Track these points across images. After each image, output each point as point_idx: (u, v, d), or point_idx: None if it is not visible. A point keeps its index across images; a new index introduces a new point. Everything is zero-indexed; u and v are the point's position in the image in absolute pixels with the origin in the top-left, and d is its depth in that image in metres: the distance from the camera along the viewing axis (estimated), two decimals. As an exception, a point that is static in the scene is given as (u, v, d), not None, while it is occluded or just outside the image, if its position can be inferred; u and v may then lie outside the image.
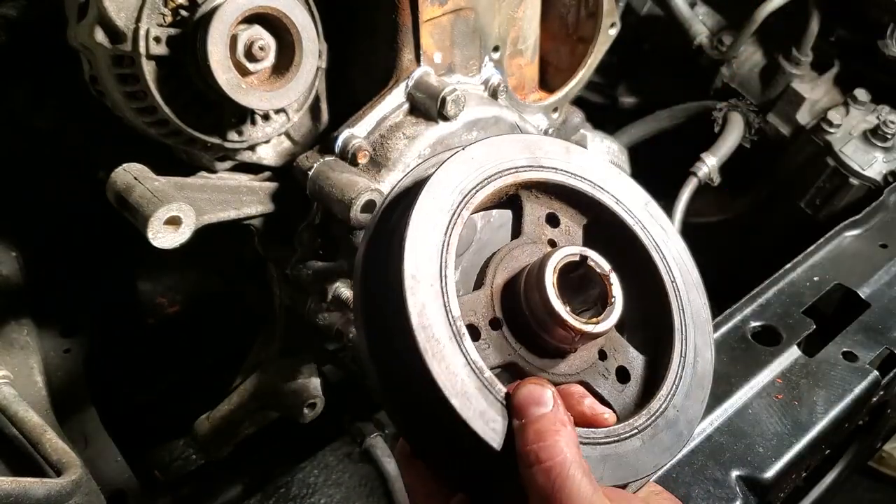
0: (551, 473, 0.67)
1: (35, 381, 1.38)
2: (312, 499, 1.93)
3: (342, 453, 2.01)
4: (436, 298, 0.71)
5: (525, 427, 0.70)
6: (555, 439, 0.69)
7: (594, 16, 1.53)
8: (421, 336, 0.68)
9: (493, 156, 0.83)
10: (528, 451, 0.68)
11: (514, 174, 0.84)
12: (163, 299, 1.97)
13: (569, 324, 0.75)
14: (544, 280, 0.76)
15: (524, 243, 0.85)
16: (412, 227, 0.73)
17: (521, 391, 0.72)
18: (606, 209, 0.90)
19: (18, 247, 1.53)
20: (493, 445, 0.69)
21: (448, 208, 0.77)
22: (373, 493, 1.94)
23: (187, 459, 2.01)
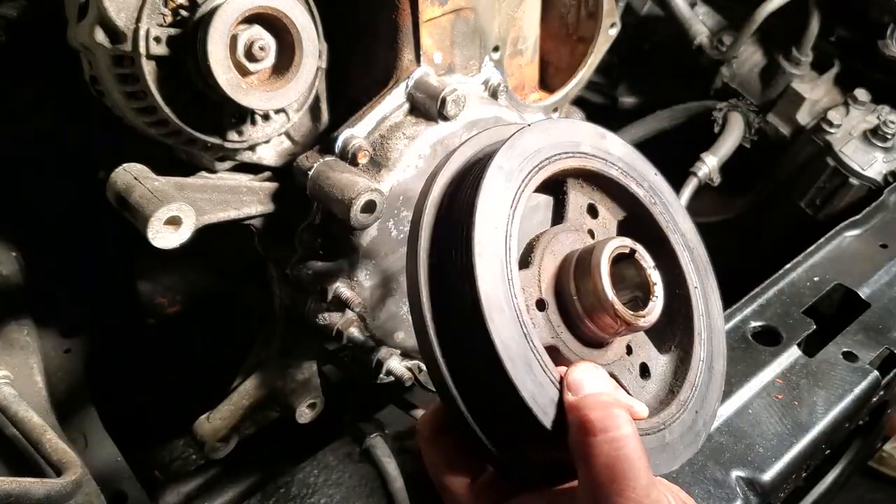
0: (615, 443, 0.66)
1: (35, 381, 1.38)
2: (312, 499, 1.93)
3: (342, 453, 2.01)
4: (501, 270, 0.72)
5: (585, 400, 0.70)
6: (616, 412, 0.68)
7: (594, 16, 1.53)
8: (485, 302, 0.69)
9: (549, 139, 0.84)
10: (590, 419, 0.67)
11: (565, 160, 0.85)
12: (163, 299, 1.97)
13: (619, 313, 0.76)
14: (599, 268, 0.76)
15: (568, 230, 0.85)
16: (482, 197, 0.74)
17: (578, 368, 0.73)
18: (644, 209, 0.92)
19: (18, 247, 1.53)
20: (542, 418, 0.70)
21: (514, 186, 0.78)
22: (373, 493, 1.94)
23: (187, 459, 2.01)
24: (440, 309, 0.73)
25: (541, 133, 0.83)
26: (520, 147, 0.80)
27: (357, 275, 1.25)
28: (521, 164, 0.79)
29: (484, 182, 0.74)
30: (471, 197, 0.74)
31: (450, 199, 0.79)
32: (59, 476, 1.10)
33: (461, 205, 0.75)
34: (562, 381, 0.72)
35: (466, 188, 0.77)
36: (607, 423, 0.67)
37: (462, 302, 0.70)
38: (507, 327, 0.69)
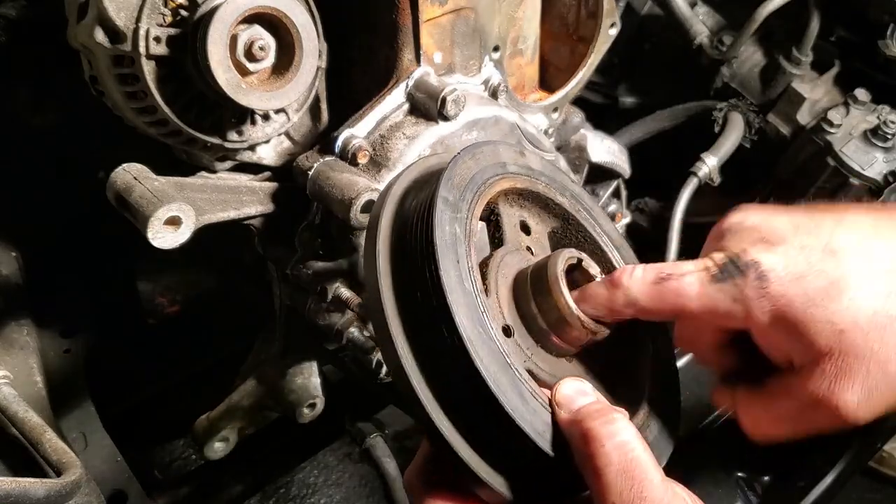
0: (624, 448, 0.66)
1: (35, 381, 1.38)
2: (312, 499, 1.93)
3: (342, 453, 2.01)
4: (473, 306, 0.71)
5: (580, 413, 0.69)
6: (615, 416, 0.69)
7: (594, 16, 1.53)
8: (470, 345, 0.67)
9: (479, 164, 0.84)
10: (591, 429, 0.67)
11: (498, 182, 0.86)
12: (163, 299, 1.97)
13: (586, 324, 0.78)
14: (558, 282, 0.78)
15: (510, 251, 0.86)
16: (438, 235, 0.72)
17: (563, 385, 0.73)
18: (572, 216, 0.94)
19: (18, 247, 1.53)
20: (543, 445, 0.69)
21: (462, 216, 0.77)
22: (373, 493, 1.94)
23: (187, 459, 2.01)
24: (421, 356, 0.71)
25: (471, 160, 0.83)
26: (457, 177, 0.80)
27: (357, 274, 1.25)
28: (462, 193, 0.79)
29: (435, 218, 0.73)
30: (427, 235, 0.72)
31: (399, 235, 0.76)
32: (58, 476, 1.10)
33: (419, 244, 0.73)
34: (551, 403, 0.72)
35: (417, 224, 0.75)
36: (610, 428, 0.67)
37: (444, 347, 0.68)
38: (493, 363, 0.69)
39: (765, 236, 0.79)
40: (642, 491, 0.64)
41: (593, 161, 1.71)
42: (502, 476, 0.71)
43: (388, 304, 0.71)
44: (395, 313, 0.71)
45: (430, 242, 0.71)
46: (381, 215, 0.78)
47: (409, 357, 0.69)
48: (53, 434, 1.17)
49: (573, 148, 1.69)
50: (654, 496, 0.64)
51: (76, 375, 1.49)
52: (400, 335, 0.70)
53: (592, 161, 1.71)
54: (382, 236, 0.76)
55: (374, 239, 0.76)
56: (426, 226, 0.73)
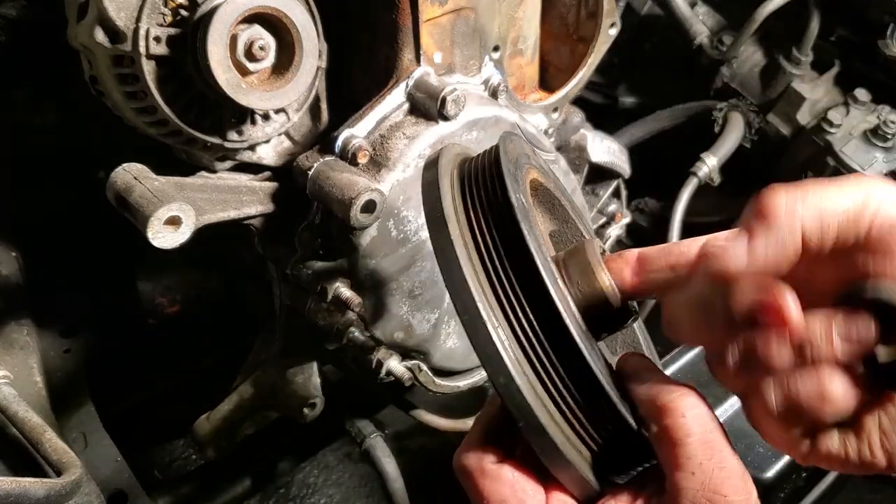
0: (701, 419, 0.65)
1: (35, 381, 1.38)
2: (312, 499, 1.93)
3: (342, 453, 2.01)
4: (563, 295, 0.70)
5: (653, 388, 0.69)
6: (687, 391, 0.68)
7: (594, 16, 1.53)
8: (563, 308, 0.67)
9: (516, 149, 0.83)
10: (670, 403, 0.66)
11: (528, 169, 0.85)
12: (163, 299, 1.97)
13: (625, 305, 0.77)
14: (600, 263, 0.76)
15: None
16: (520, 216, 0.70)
17: (631, 359, 0.73)
18: (571, 218, 0.94)
19: (18, 247, 1.53)
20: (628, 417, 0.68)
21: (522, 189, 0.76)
22: (373, 493, 1.94)
23: (187, 459, 2.01)
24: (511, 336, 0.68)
25: (510, 143, 0.83)
26: (509, 153, 0.79)
27: (357, 275, 1.25)
28: (515, 168, 0.78)
29: (508, 185, 0.71)
30: (505, 200, 0.70)
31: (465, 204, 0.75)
32: (59, 476, 1.10)
33: (494, 212, 0.71)
34: (620, 373, 0.72)
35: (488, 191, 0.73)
36: (689, 400, 0.67)
37: (534, 321, 0.67)
38: (584, 338, 0.68)
39: None
40: (722, 461, 0.64)
41: (593, 161, 1.71)
42: (577, 450, 0.69)
43: (470, 279, 0.69)
44: (477, 286, 0.69)
45: (508, 206, 0.70)
46: (440, 179, 0.76)
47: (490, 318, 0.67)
48: (53, 434, 1.17)
49: (573, 148, 1.69)
50: (732, 466, 0.65)
51: (76, 375, 1.49)
52: (483, 303, 0.68)
53: (592, 161, 1.71)
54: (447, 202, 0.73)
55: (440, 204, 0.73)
56: (501, 192, 0.71)
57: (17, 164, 1.45)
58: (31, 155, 1.45)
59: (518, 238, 0.68)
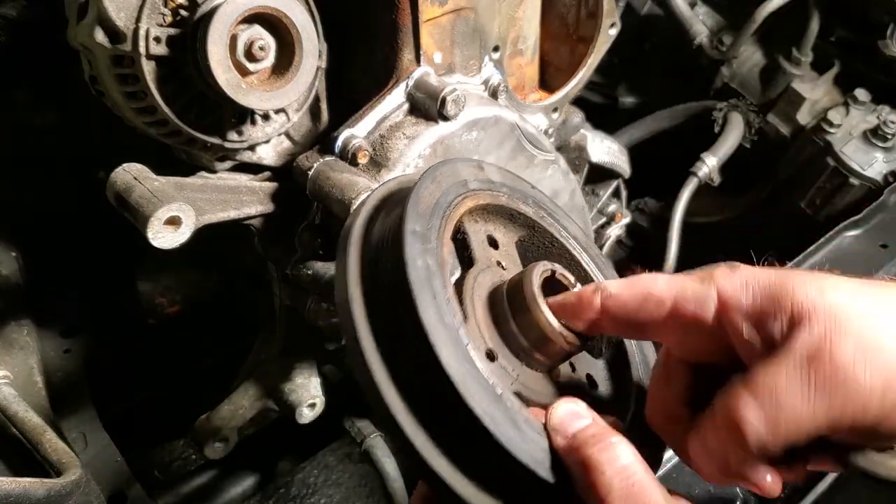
0: (624, 473, 0.65)
1: (35, 382, 1.38)
2: (312, 499, 1.93)
3: (342, 453, 2.01)
4: (456, 341, 0.69)
5: (576, 440, 0.68)
6: (613, 440, 0.67)
7: (594, 16, 1.53)
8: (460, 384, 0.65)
9: (440, 187, 0.82)
10: (590, 457, 0.66)
11: (462, 202, 0.84)
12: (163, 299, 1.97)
13: (569, 339, 0.76)
14: (535, 300, 0.76)
15: (482, 270, 0.84)
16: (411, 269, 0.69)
17: (556, 409, 0.71)
18: (537, 224, 0.93)
19: (18, 247, 1.53)
20: (543, 473, 0.68)
21: (432, 247, 0.74)
22: (373, 494, 1.94)
23: (187, 459, 2.01)
24: (409, 399, 0.68)
25: (432, 184, 0.81)
26: (422, 204, 0.77)
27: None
28: (430, 220, 0.76)
29: (407, 255, 0.70)
30: (400, 274, 0.69)
31: (372, 271, 0.74)
32: (59, 476, 1.10)
33: (393, 285, 0.70)
34: (546, 429, 0.71)
35: (388, 262, 0.72)
36: (608, 454, 0.66)
37: (432, 388, 0.66)
38: (484, 398, 0.66)
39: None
40: None
41: (593, 161, 1.71)
42: None
43: (369, 350, 0.69)
44: (377, 358, 0.68)
45: (405, 282, 0.68)
46: (347, 253, 0.75)
47: (396, 402, 0.67)
48: (53, 434, 1.17)
49: (573, 148, 1.69)
50: None
51: (76, 375, 1.49)
52: (385, 380, 0.68)
53: (592, 161, 1.71)
54: (352, 278, 0.73)
55: (345, 280, 0.73)
56: (398, 265, 0.70)
57: (17, 164, 1.45)
58: (31, 155, 1.45)
59: (416, 322, 0.67)
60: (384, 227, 0.77)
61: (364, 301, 0.71)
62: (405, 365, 0.68)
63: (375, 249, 0.75)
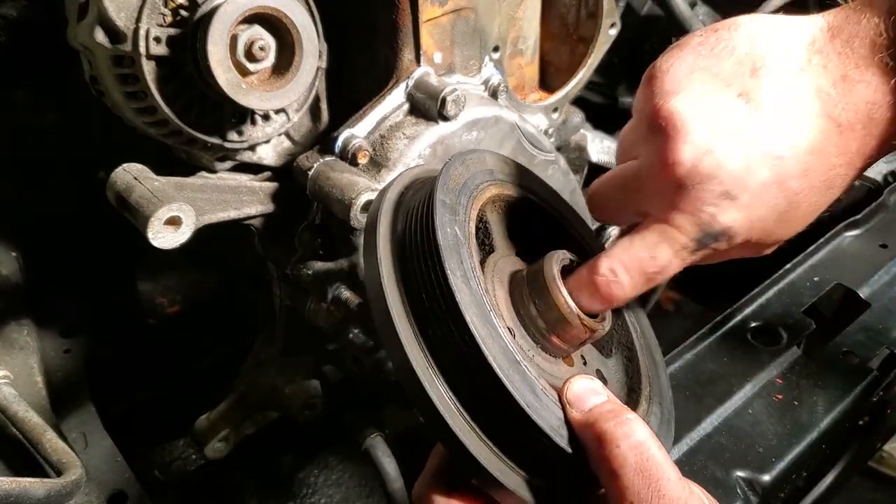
0: (640, 448, 0.66)
1: (35, 381, 1.38)
2: (312, 499, 1.93)
3: (342, 453, 2.01)
4: (483, 310, 0.71)
5: (593, 414, 0.69)
6: (629, 417, 0.68)
7: (594, 16, 1.53)
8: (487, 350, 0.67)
9: (468, 171, 0.85)
10: (606, 431, 0.67)
11: (488, 188, 0.87)
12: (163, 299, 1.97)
13: (586, 322, 0.78)
14: (556, 282, 0.78)
15: (502, 256, 0.86)
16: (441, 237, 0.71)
17: (574, 384, 0.73)
18: (556, 221, 0.95)
19: (18, 247, 1.53)
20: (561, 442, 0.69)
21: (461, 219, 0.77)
22: (373, 493, 1.94)
23: (187, 459, 2.01)
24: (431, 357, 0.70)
25: (461, 166, 0.84)
26: (452, 181, 0.80)
27: (357, 274, 1.25)
28: (458, 197, 0.79)
29: (437, 220, 0.72)
30: (430, 236, 0.72)
31: (400, 239, 0.76)
32: (59, 476, 1.10)
33: (422, 247, 0.72)
34: (562, 401, 0.72)
35: (418, 226, 0.74)
36: (625, 429, 0.67)
37: (455, 346, 0.68)
38: (505, 360, 0.68)
39: (727, 189, 0.77)
40: (660, 489, 0.64)
41: (593, 161, 1.71)
42: (518, 476, 0.70)
43: (394, 307, 0.70)
44: (402, 316, 0.70)
45: (433, 244, 0.71)
46: (378, 219, 0.78)
47: (419, 358, 0.69)
48: (53, 434, 1.17)
49: (573, 148, 1.69)
50: (672, 494, 0.65)
51: (76, 375, 1.49)
52: (409, 337, 0.69)
53: (592, 161, 1.71)
54: (382, 240, 0.76)
55: (374, 244, 0.75)
56: (428, 228, 0.72)
57: (18, 163, 1.45)
58: (31, 155, 1.45)
59: (444, 282, 0.69)
60: (413, 200, 0.80)
61: (392, 267, 0.73)
62: (429, 322, 0.70)
63: (404, 220, 0.77)
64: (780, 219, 0.82)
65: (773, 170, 0.80)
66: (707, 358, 1.32)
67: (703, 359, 1.32)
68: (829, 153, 0.82)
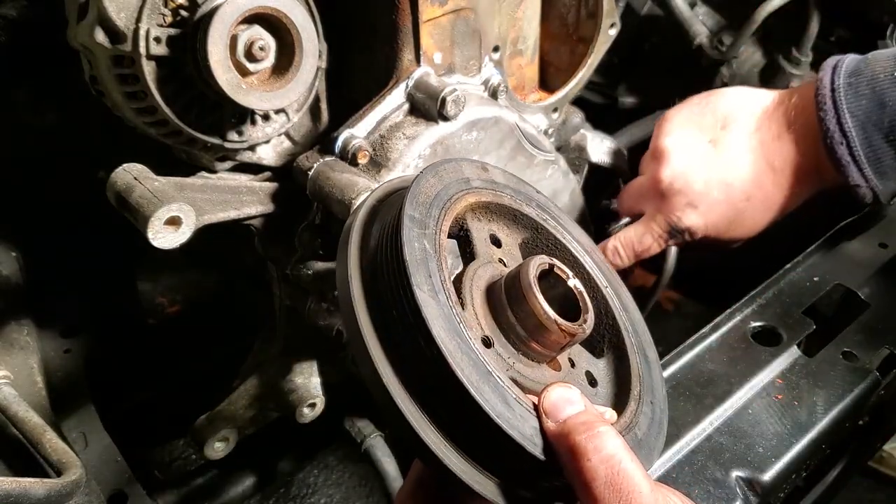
0: (610, 461, 0.66)
1: (35, 382, 1.38)
2: (312, 499, 1.93)
3: (342, 453, 2.01)
4: (450, 321, 0.71)
5: (567, 425, 0.70)
6: (601, 429, 0.69)
7: (594, 16, 1.53)
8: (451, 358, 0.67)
9: (442, 181, 0.85)
10: (578, 443, 0.67)
11: (463, 197, 0.87)
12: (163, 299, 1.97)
13: (564, 327, 0.77)
14: (532, 288, 0.77)
15: (482, 264, 0.86)
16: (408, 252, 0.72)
17: (549, 392, 0.73)
18: (541, 226, 0.95)
19: (18, 247, 1.53)
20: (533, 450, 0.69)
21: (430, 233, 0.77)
22: (373, 493, 1.94)
23: (187, 459, 2.01)
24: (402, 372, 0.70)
25: (433, 178, 0.84)
26: (422, 195, 0.80)
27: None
28: (428, 210, 0.80)
29: (403, 236, 0.73)
30: (396, 252, 0.72)
31: (370, 256, 0.77)
32: (59, 476, 1.10)
33: (390, 263, 0.73)
34: (538, 411, 0.72)
35: (386, 243, 0.75)
36: (596, 442, 0.67)
37: (423, 360, 0.68)
38: (474, 372, 0.68)
39: (691, 201, 1.42)
40: (631, 502, 0.65)
41: (593, 161, 1.71)
42: (495, 485, 0.71)
43: (364, 323, 0.71)
44: (371, 332, 0.71)
45: (400, 260, 0.71)
46: (350, 235, 0.78)
47: (389, 374, 0.69)
48: (54, 434, 1.17)
49: (573, 148, 1.69)
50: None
51: (76, 375, 1.49)
52: (379, 353, 0.70)
53: (592, 161, 1.71)
54: (352, 257, 0.76)
55: (346, 260, 0.76)
56: (396, 243, 0.73)
57: (18, 163, 1.45)
58: (31, 155, 1.45)
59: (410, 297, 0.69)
60: (384, 217, 0.80)
61: (362, 283, 0.74)
62: (399, 338, 0.70)
63: (376, 238, 0.78)
64: (730, 226, 1.43)
65: (723, 192, 1.39)
66: (707, 358, 1.32)
67: (703, 359, 1.32)
68: (765, 186, 1.37)
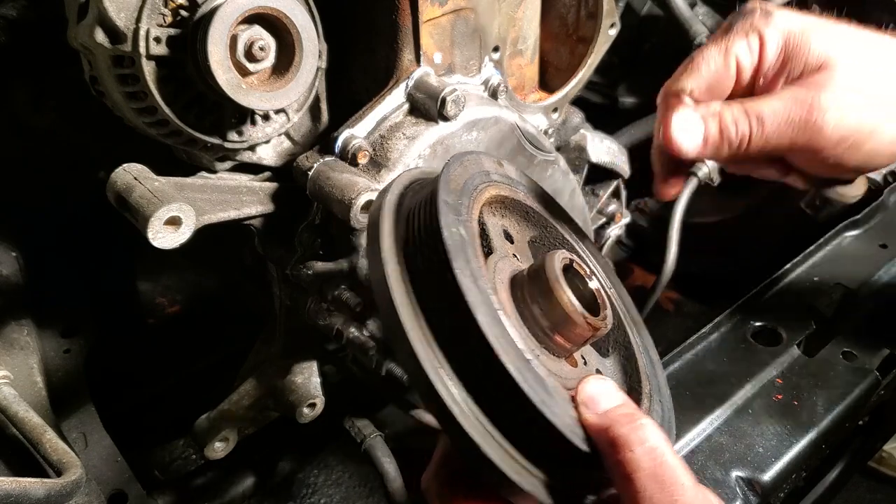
0: (654, 453, 0.66)
1: (35, 382, 1.38)
2: (312, 499, 1.93)
3: (342, 453, 2.01)
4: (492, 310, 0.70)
5: (608, 417, 0.69)
6: (643, 422, 0.68)
7: (594, 16, 1.53)
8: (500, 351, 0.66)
9: (467, 172, 0.85)
10: (621, 435, 0.67)
11: (486, 189, 0.87)
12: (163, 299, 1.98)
13: (590, 320, 0.77)
14: (559, 280, 0.77)
15: (501, 258, 0.86)
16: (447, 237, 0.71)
17: (588, 384, 0.73)
18: (551, 224, 0.96)
19: (18, 247, 1.53)
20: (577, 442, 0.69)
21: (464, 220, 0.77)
22: (373, 493, 1.94)
23: (187, 459, 2.01)
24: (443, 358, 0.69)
25: (460, 167, 0.84)
26: (453, 182, 0.80)
27: (357, 275, 1.25)
28: (459, 197, 0.79)
29: (442, 220, 0.72)
30: (436, 236, 0.71)
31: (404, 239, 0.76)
32: (59, 476, 1.10)
33: (428, 247, 0.72)
34: (574, 401, 0.72)
35: (423, 227, 0.74)
36: (639, 434, 0.67)
37: (466, 347, 0.67)
38: (517, 359, 0.67)
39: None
40: (673, 495, 0.64)
41: (593, 161, 1.71)
42: (534, 477, 0.70)
43: (402, 308, 0.70)
44: (411, 317, 0.70)
45: (441, 244, 0.70)
46: (381, 219, 0.77)
47: (430, 359, 0.68)
48: (53, 434, 1.17)
49: (573, 148, 1.69)
50: (686, 500, 0.65)
51: (76, 375, 1.49)
52: (419, 338, 0.69)
53: (592, 161, 1.71)
54: (386, 241, 0.75)
55: (378, 244, 0.75)
56: (434, 228, 0.72)
57: (17, 164, 1.45)
58: (31, 155, 1.45)
59: (452, 281, 0.68)
60: (414, 201, 0.79)
61: (399, 265, 0.73)
62: (439, 323, 0.69)
63: (406, 220, 0.77)
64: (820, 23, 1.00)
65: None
66: (707, 358, 1.32)
67: (703, 359, 1.32)
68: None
